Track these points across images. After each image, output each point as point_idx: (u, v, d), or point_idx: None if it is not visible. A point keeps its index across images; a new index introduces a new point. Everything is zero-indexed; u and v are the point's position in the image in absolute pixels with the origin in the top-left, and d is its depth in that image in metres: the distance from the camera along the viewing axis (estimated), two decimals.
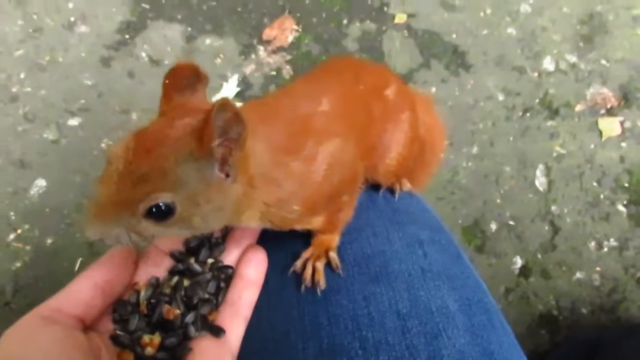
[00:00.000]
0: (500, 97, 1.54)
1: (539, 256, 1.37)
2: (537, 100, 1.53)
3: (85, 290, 0.49)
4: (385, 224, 0.68)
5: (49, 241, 1.39)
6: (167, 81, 0.47)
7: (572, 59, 1.57)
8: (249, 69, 1.58)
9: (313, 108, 0.57)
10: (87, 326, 0.50)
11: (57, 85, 1.54)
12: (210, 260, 0.56)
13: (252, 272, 0.56)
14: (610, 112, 1.52)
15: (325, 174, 0.53)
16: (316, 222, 0.58)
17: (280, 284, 0.62)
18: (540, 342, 1.29)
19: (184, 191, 0.43)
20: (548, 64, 1.57)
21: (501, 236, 1.39)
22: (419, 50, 1.58)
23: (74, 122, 1.51)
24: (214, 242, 0.57)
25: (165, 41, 1.61)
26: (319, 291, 0.58)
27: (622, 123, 1.50)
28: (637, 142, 1.48)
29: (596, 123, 1.50)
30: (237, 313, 0.53)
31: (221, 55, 1.59)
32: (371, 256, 0.62)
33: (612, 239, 1.39)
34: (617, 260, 1.37)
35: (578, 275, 1.36)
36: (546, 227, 1.41)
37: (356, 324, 0.55)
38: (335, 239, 0.62)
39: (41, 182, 1.45)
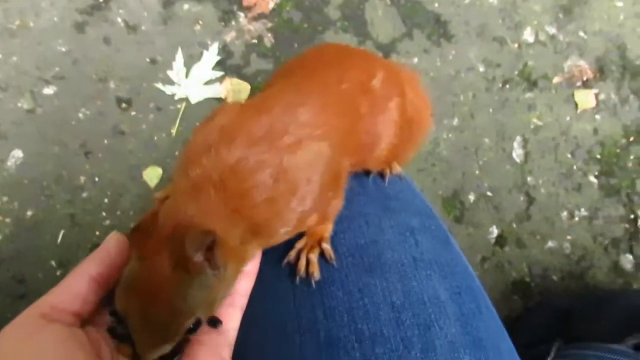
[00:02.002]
0: (481, 69, 1.55)
1: (514, 226, 1.43)
2: (517, 72, 1.55)
3: (81, 285, 0.49)
4: (377, 212, 0.69)
5: (29, 213, 1.37)
6: (133, 239, 0.48)
7: (552, 30, 1.59)
8: (229, 36, 1.55)
9: (287, 127, 0.55)
10: (84, 321, 0.50)
11: (29, 51, 1.49)
12: None
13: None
14: (586, 85, 1.55)
15: (306, 195, 0.54)
16: (310, 222, 0.59)
17: (274, 275, 0.63)
18: (513, 307, 1.36)
19: (199, 307, 0.47)
20: (528, 35, 1.58)
21: (479, 207, 1.44)
22: (402, 19, 1.57)
23: (49, 90, 1.47)
24: None
25: (142, 6, 1.55)
26: (313, 283, 0.59)
27: (597, 95, 1.54)
28: (610, 115, 1.53)
29: (572, 95, 1.54)
30: (233, 303, 0.53)
31: (200, 22, 1.55)
32: (364, 246, 0.64)
33: (583, 209, 1.45)
34: (587, 229, 1.44)
35: (550, 244, 1.42)
36: (522, 198, 1.45)
37: (351, 317, 0.57)
38: (328, 229, 0.63)
39: (18, 153, 1.41)
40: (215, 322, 0.51)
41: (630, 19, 1.59)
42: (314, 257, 0.61)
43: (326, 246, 0.61)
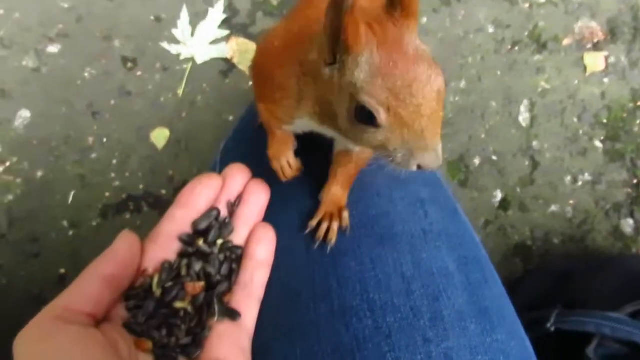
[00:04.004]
0: (490, 30, 1.53)
1: (518, 190, 1.44)
2: (527, 34, 1.53)
3: (93, 286, 0.49)
4: (388, 183, 0.71)
5: (40, 174, 1.39)
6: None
7: None
8: None
9: None
10: (99, 320, 0.50)
11: (32, 7, 1.46)
12: (219, 241, 0.56)
13: (262, 252, 0.58)
14: (596, 47, 1.53)
15: None
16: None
17: (289, 244, 0.64)
18: (514, 270, 1.39)
19: None
20: None
21: (484, 171, 1.45)
22: None
23: (53, 49, 1.45)
24: (222, 222, 0.57)
25: None
26: (329, 248, 0.61)
27: (606, 58, 1.52)
28: (619, 78, 1.51)
29: (582, 58, 1.52)
30: (250, 295, 0.55)
31: None
32: (376, 217, 0.65)
33: (587, 174, 1.46)
34: (590, 194, 1.45)
35: (553, 208, 1.44)
36: (526, 162, 1.46)
37: (364, 286, 0.59)
38: (345, 196, 0.65)
39: (25, 113, 1.41)
40: (234, 315, 0.52)
41: None
42: (336, 225, 0.62)
43: (346, 215, 0.63)
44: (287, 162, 0.66)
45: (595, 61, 1.52)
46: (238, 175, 0.61)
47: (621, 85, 1.51)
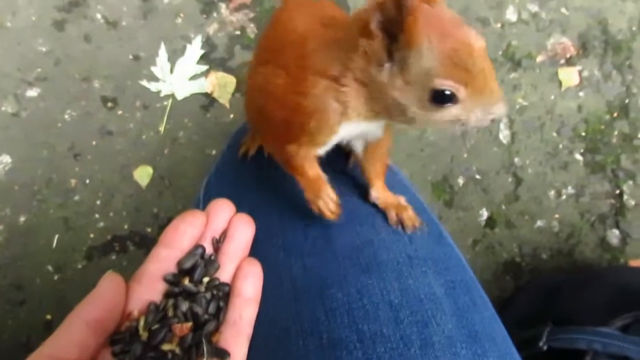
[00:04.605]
0: None
1: (504, 207, 1.45)
2: (500, 52, 1.56)
3: (77, 332, 0.48)
4: (371, 211, 0.71)
5: (22, 219, 1.37)
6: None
7: (534, 8, 1.59)
8: (211, 28, 1.53)
9: None
10: None
11: (9, 52, 1.46)
12: (205, 279, 0.56)
13: (249, 288, 0.57)
14: (569, 62, 1.56)
15: None
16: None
17: (275, 278, 0.64)
18: (505, 287, 1.39)
19: None
20: (511, 14, 1.59)
21: (468, 190, 1.46)
22: None
23: (32, 92, 1.45)
24: (208, 260, 0.56)
25: (121, 0, 1.53)
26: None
27: (580, 72, 1.56)
28: (594, 91, 1.54)
29: (556, 73, 1.55)
30: (239, 333, 0.54)
31: (181, 15, 1.53)
32: (360, 247, 0.65)
33: (569, 187, 1.48)
34: (574, 206, 1.47)
35: (539, 223, 1.45)
36: (510, 179, 1.48)
37: (352, 317, 0.58)
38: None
39: (6, 159, 1.40)
40: (223, 355, 0.51)
41: None
42: (411, 210, 0.68)
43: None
44: (328, 197, 0.62)
45: (569, 76, 1.55)
46: (222, 211, 0.60)
47: (596, 98, 1.54)
